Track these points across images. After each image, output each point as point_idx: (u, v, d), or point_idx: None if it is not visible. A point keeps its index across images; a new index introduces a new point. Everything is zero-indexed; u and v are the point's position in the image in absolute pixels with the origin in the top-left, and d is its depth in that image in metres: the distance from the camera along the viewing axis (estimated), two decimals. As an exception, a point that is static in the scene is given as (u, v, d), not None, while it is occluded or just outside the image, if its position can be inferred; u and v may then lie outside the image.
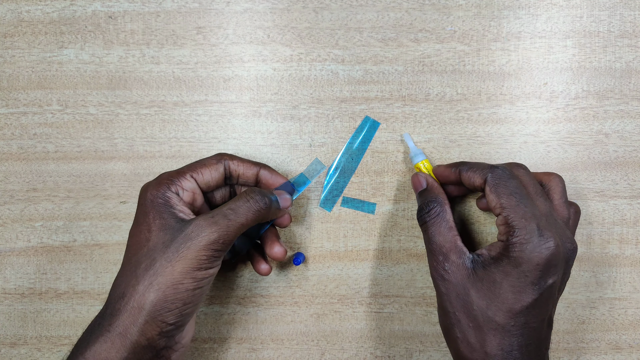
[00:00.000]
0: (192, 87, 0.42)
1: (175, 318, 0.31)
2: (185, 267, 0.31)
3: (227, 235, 0.32)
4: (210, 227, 0.32)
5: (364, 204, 0.42)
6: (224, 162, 0.36)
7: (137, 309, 0.30)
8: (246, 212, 0.33)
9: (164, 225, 0.32)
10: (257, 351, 0.43)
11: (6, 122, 0.42)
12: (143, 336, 0.30)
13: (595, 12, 0.41)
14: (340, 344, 0.43)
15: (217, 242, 0.32)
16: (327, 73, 0.42)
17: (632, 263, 0.42)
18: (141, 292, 0.31)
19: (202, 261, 0.31)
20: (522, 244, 0.32)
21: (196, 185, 0.35)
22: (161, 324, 0.31)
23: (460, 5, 0.41)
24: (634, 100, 0.41)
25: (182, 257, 0.31)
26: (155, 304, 0.30)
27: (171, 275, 0.31)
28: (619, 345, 0.42)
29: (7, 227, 0.43)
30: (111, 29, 0.42)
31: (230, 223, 0.32)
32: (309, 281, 0.43)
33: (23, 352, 0.43)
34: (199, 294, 0.32)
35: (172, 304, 0.31)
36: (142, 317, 0.30)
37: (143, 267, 0.31)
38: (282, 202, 0.36)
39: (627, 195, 0.42)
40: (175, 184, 0.34)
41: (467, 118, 0.41)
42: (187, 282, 0.31)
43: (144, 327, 0.30)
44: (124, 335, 0.30)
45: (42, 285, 0.43)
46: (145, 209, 0.33)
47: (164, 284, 0.31)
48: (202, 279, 0.32)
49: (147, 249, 0.32)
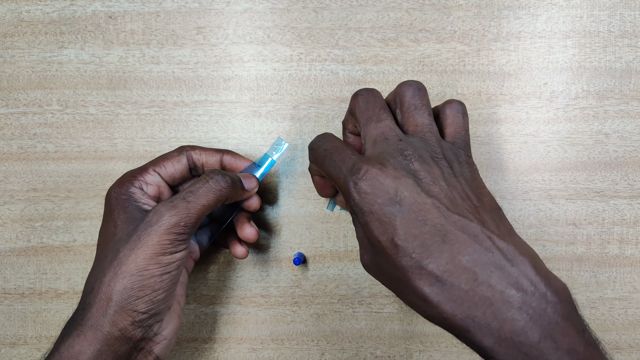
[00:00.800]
0: (192, 87, 0.42)
1: (146, 305, 0.31)
2: (149, 253, 0.31)
3: (188, 218, 0.32)
4: (169, 210, 0.32)
5: None
6: (186, 153, 0.36)
7: (106, 300, 0.31)
8: (206, 192, 0.33)
9: (128, 218, 0.33)
10: (257, 351, 0.43)
11: (6, 122, 0.42)
12: (115, 327, 0.30)
13: (595, 12, 0.41)
14: (340, 344, 0.43)
15: (177, 225, 0.31)
16: (327, 73, 0.42)
17: (632, 263, 0.42)
18: (107, 282, 0.31)
19: (165, 246, 0.31)
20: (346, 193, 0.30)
21: (160, 178, 0.36)
22: (132, 312, 0.31)
23: (460, 5, 0.41)
24: (634, 100, 0.41)
25: (144, 244, 0.31)
26: (121, 292, 0.30)
27: (134, 262, 0.31)
28: (619, 345, 0.42)
29: (7, 227, 0.43)
30: (111, 29, 0.42)
31: (189, 205, 0.32)
32: (309, 281, 0.43)
33: (23, 352, 0.43)
34: (168, 280, 0.32)
35: (139, 291, 0.31)
36: (111, 307, 0.30)
37: (109, 260, 0.32)
38: (246, 182, 0.36)
39: (627, 195, 0.42)
40: (138, 180, 0.34)
41: (467, 118, 0.41)
42: (152, 268, 0.31)
43: (114, 317, 0.30)
44: (96, 328, 0.30)
45: (42, 285, 0.43)
46: (111, 207, 0.34)
47: (128, 272, 0.31)
48: (168, 263, 0.32)
49: (113, 242, 0.32)
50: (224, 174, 0.34)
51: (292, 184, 0.42)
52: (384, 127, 0.32)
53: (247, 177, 0.37)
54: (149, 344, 0.32)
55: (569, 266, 0.42)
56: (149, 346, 0.32)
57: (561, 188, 0.42)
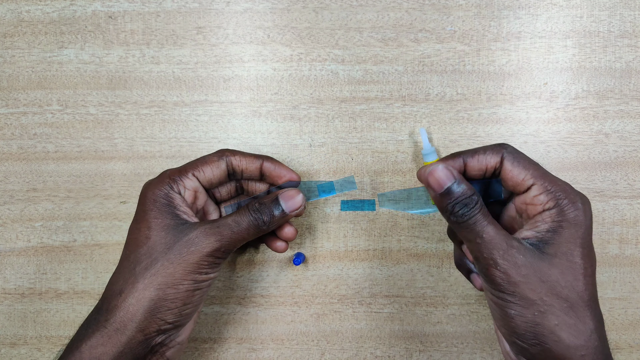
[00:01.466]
0: (192, 87, 0.42)
1: (174, 317, 0.32)
2: (187, 270, 0.32)
3: (229, 246, 0.33)
4: (215, 236, 0.32)
5: (363, 203, 0.42)
6: (226, 158, 0.36)
7: (136, 305, 0.31)
8: (247, 227, 0.34)
9: (165, 225, 0.33)
10: (257, 351, 0.43)
11: (6, 122, 0.42)
12: (140, 333, 0.31)
13: (595, 12, 0.41)
14: (340, 344, 0.43)
15: (219, 250, 0.33)
16: (327, 73, 0.41)
17: (632, 263, 0.42)
18: (140, 289, 0.31)
19: (203, 266, 0.32)
20: (575, 203, 0.30)
21: (198, 183, 0.35)
22: (160, 321, 0.31)
23: (460, 5, 0.41)
24: (634, 100, 0.41)
25: (184, 261, 0.32)
26: (155, 302, 0.31)
27: (172, 276, 0.31)
28: (619, 345, 0.42)
29: (7, 227, 0.43)
30: (111, 29, 0.42)
31: (233, 235, 0.33)
32: (309, 281, 0.43)
33: (23, 352, 0.43)
34: (199, 296, 0.33)
35: (171, 303, 0.31)
36: (141, 314, 0.31)
37: (143, 266, 0.32)
38: (288, 205, 0.35)
39: (627, 195, 0.42)
40: (178, 184, 0.34)
41: (467, 118, 0.41)
42: (187, 283, 0.32)
43: (142, 324, 0.31)
44: (121, 331, 0.31)
45: (42, 285, 0.43)
46: (146, 207, 0.33)
47: (164, 284, 0.31)
48: (202, 281, 0.33)
49: (147, 247, 0.32)
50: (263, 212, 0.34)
51: (292, 184, 0.42)
52: None
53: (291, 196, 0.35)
54: (164, 348, 0.33)
55: (569, 266, 0.42)
56: (162, 350, 0.33)
57: (561, 188, 0.42)
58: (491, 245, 0.30)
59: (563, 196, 0.30)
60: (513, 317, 0.30)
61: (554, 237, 0.30)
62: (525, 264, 0.29)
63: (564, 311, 0.29)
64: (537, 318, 0.29)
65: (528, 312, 0.29)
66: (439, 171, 0.32)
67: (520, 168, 0.32)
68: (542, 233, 0.30)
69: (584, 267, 0.30)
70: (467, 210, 0.31)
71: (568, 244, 0.30)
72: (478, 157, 0.33)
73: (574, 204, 0.30)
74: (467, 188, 0.32)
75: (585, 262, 0.30)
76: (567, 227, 0.30)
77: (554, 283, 0.29)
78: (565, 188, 0.31)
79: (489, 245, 0.30)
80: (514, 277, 0.29)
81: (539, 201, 0.31)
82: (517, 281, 0.29)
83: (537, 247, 0.30)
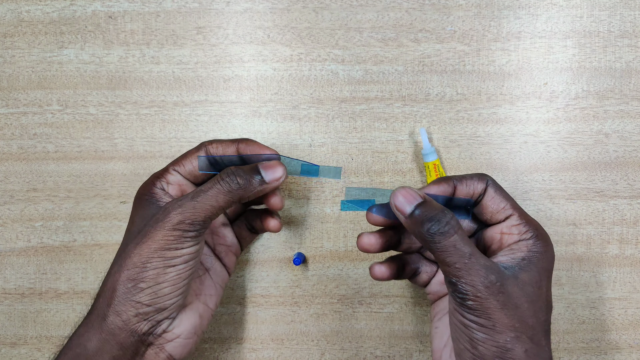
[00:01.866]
0: (192, 87, 0.42)
1: (149, 298, 0.31)
2: (152, 247, 0.31)
3: (194, 216, 0.32)
4: (176, 208, 0.32)
5: (363, 203, 0.42)
6: (204, 148, 0.35)
7: (111, 290, 0.31)
8: (215, 194, 0.32)
9: (144, 215, 0.33)
10: (257, 351, 0.43)
11: (6, 122, 0.42)
12: (118, 317, 0.31)
13: (595, 12, 0.41)
14: (340, 344, 0.43)
15: (182, 222, 0.31)
16: (327, 73, 0.42)
17: (632, 263, 0.42)
18: (113, 273, 0.32)
19: (170, 241, 0.31)
20: (546, 240, 0.32)
21: (180, 177, 0.35)
22: (135, 304, 0.31)
23: (460, 5, 0.41)
24: (634, 100, 0.41)
25: (149, 238, 0.31)
26: (125, 283, 0.31)
27: (139, 255, 0.31)
28: (619, 345, 0.42)
29: (7, 227, 0.43)
30: (111, 29, 0.42)
31: (197, 204, 0.32)
32: (309, 281, 0.43)
33: (23, 352, 0.43)
34: (174, 274, 0.32)
35: (142, 282, 0.31)
36: (116, 298, 0.31)
37: (118, 254, 0.33)
38: (268, 173, 0.34)
39: (627, 195, 0.42)
40: (160, 181, 0.34)
41: (467, 118, 0.41)
42: (156, 261, 0.31)
43: (118, 307, 0.31)
44: (101, 317, 0.31)
45: (42, 285, 0.43)
46: (133, 208, 0.34)
47: (132, 264, 0.31)
48: (172, 257, 0.32)
49: (126, 238, 0.33)
50: (238, 174, 0.33)
51: (292, 184, 0.42)
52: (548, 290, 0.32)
53: (271, 166, 0.34)
54: (159, 340, 0.32)
55: (569, 266, 0.42)
56: (159, 342, 0.32)
57: (561, 188, 0.42)
58: (472, 271, 0.29)
59: (537, 232, 0.32)
60: (483, 342, 0.29)
61: (529, 265, 0.31)
62: (503, 290, 0.29)
63: (530, 339, 0.29)
64: (508, 344, 0.29)
65: (501, 338, 0.29)
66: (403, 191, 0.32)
67: (502, 197, 0.33)
68: (518, 260, 0.31)
69: (547, 298, 0.31)
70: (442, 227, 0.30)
71: (539, 274, 0.31)
72: (466, 182, 0.33)
73: (546, 240, 0.32)
74: (437, 207, 0.31)
75: (548, 294, 0.31)
76: (541, 259, 0.31)
77: (525, 310, 0.30)
78: (538, 225, 0.33)
79: (470, 270, 0.29)
80: (492, 303, 0.29)
81: (518, 230, 0.32)
82: (494, 307, 0.29)
83: (512, 272, 0.30)
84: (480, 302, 0.29)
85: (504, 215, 0.33)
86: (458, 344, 0.31)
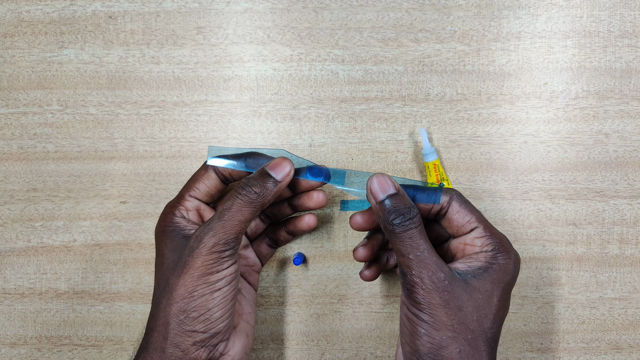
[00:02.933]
0: (192, 87, 0.42)
1: (203, 325, 0.32)
2: (195, 275, 0.32)
3: (227, 235, 0.32)
4: (207, 233, 0.32)
5: (364, 203, 0.42)
6: (212, 166, 0.36)
7: (164, 324, 0.32)
8: (238, 208, 0.33)
9: (174, 246, 0.34)
10: (257, 351, 0.43)
11: (6, 122, 0.42)
12: (177, 348, 0.32)
13: (595, 12, 0.41)
14: (340, 344, 0.43)
15: (217, 244, 0.32)
16: (327, 73, 0.42)
17: (632, 263, 0.42)
18: (163, 308, 0.32)
19: (210, 265, 0.32)
20: (509, 254, 0.33)
21: (198, 202, 0.36)
22: (191, 333, 0.32)
23: (460, 5, 0.41)
24: (634, 100, 0.41)
25: (190, 267, 0.32)
26: (177, 315, 0.32)
27: (184, 286, 0.32)
28: (619, 345, 0.42)
29: (7, 227, 0.43)
30: (111, 29, 0.42)
31: (225, 224, 0.32)
32: (309, 281, 0.43)
33: (23, 352, 0.43)
34: (221, 298, 0.32)
35: (193, 311, 0.32)
36: (171, 331, 0.32)
37: (162, 288, 0.33)
38: (277, 173, 0.34)
39: (627, 195, 0.42)
40: (179, 209, 0.35)
41: (467, 118, 0.41)
42: (201, 288, 0.32)
43: (175, 339, 0.32)
44: (160, 350, 0.32)
45: (42, 285, 0.43)
46: (158, 241, 0.35)
47: (179, 296, 0.32)
48: (216, 281, 0.32)
49: (162, 271, 0.34)
50: (251, 184, 0.33)
51: (292, 184, 0.42)
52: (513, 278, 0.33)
53: (277, 164, 0.34)
54: None
55: (569, 266, 0.42)
56: None
57: (561, 188, 0.42)
58: (422, 264, 0.31)
59: (499, 245, 0.33)
60: (421, 336, 0.31)
61: (482, 274, 0.32)
62: (449, 289, 0.31)
63: (468, 342, 0.31)
64: (444, 342, 0.30)
65: (437, 335, 0.30)
66: (380, 178, 0.33)
67: (467, 211, 0.34)
68: (474, 269, 0.32)
69: (497, 308, 0.32)
70: (404, 221, 0.31)
71: (492, 284, 0.32)
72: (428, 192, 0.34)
73: (508, 254, 0.33)
74: (407, 202, 0.33)
75: (500, 305, 0.32)
76: (497, 270, 0.32)
77: (468, 314, 0.31)
78: (502, 238, 0.33)
79: (421, 263, 0.31)
80: (435, 298, 0.30)
81: (479, 243, 0.33)
82: (437, 303, 0.31)
83: (464, 277, 0.32)
84: (424, 296, 0.31)
85: (469, 227, 0.34)
86: (402, 337, 0.33)
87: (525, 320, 0.42)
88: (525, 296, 0.42)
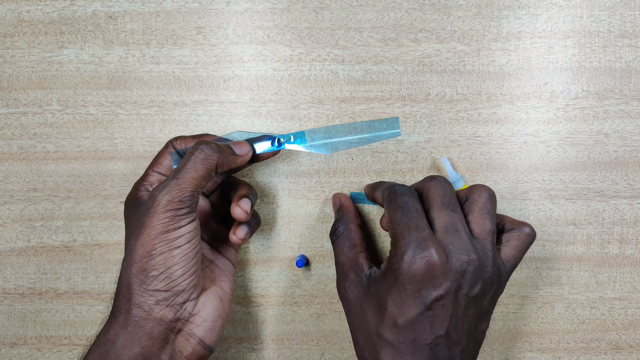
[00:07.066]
0: (192, 87, 0.42)
1: (164, 283, 0.32)
2: (152, 234, 0.32)
3: (182, 192, 0.32)
4: (161, 191, 0.32)
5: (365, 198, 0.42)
6: (171, 144, 0.37)
7: (127, 286, 0.32)
8: (193, 165, 0.33)
9: (137, 215, 0.34)
10: (257, 351, 0.43)
11: (6, 122, 0.42)
12: (140, 308, 0.32)
13: (595, 12, 0.41)
14: (340, 344, 0.43)
15: (172, 201, 0.32)
16: (327, 73, 0.42)
17: (632, 263, 0.42)
18: (124, 271, 0.33)
19: (167, 223, 0.32)
20: (399, 256, 0.31)
21: (161, 176, 0.37)
22: (153, 292, 0.32)
23: (460, 5, 0.41)
24: (634, 100, 0.41)
25: (146, 227, 0.32)
26: (137, 275, 0.32)
27: (142, 246, 0.32)
28: (619, 345, 0.42)
29: (7, 227, 0.43)
30: (111, 29, 0.42)
31: (179, 181, 0.32)
32: (309, 281, 0.43)
33: (23, 352, 0.43)
34: (181, 255, 0.32)
35: (153, 270, 0.32)
36: (133, 291, 0.32)
37: (125, 254, 0.33)
38: (237, 148, 0.36)
39: (627, 195, 0.42)
40: (143, 185, 0.36)
41: (467, 118, 0.41)
42: (160, 246, 0.32)
43: (137, 299, 0.32)
44: (124, 312, 0.32)
45: (42, 285, 0.43)
46: (126, 216, 0.36)
47: (138, 256, 0.32)
48: (175, 238, 0.32)
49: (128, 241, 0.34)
50: (209, 142, 0.34)
51: (292, 183, 0.42)
52: (458, 220, 0.33)
53: (238, 143, 0.36)
54: (187, 325, 0.33)
55: (569, 266, 0.42)
56: (187, 328, 0.33)
57: (561, 188, 0.42)
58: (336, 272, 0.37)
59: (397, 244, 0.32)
60: None
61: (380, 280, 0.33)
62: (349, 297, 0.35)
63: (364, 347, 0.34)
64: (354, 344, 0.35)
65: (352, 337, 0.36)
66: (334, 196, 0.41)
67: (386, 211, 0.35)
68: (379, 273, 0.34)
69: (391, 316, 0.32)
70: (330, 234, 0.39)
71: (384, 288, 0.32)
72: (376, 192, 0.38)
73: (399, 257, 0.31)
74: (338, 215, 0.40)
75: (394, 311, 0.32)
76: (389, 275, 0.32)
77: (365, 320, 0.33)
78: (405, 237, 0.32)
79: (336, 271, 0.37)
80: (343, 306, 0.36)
81: None
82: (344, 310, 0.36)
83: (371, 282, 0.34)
84: None
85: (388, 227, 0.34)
86: None
87: (525, 320, 0.42)
88: (525, 296, 0.42)
